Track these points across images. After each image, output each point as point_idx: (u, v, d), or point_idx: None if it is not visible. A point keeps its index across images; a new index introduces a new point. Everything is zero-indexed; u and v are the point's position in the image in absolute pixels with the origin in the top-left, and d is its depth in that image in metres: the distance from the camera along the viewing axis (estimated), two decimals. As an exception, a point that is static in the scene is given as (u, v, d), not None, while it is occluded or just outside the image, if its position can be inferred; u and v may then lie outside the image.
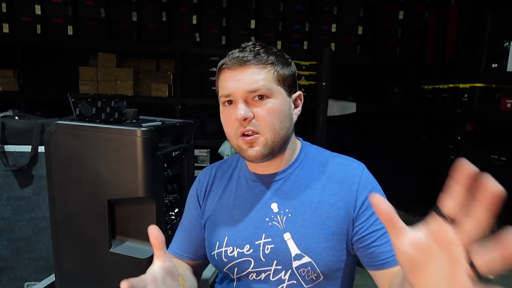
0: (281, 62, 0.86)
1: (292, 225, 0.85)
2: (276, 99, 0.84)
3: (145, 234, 0.94)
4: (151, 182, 0.87)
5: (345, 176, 0.88)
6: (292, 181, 0.90)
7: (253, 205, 0.90)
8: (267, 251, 0.85)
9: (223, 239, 0.90)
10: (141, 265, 0.89)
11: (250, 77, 0.82)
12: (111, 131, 0.86)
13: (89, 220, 0.91)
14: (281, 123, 0.85)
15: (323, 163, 0.92)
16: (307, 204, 0.86)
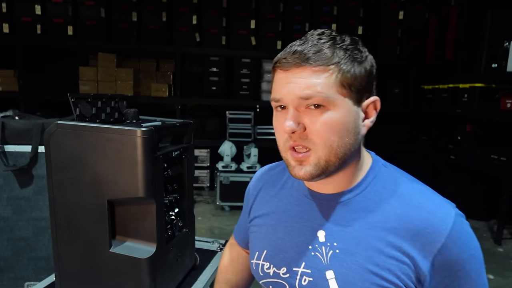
0: (350, 60, 0.66)
1: (339, 264, 0.70)
2: (337, 110, 0.65)
3: (145, 234, 0.94)
4: (151, 182, 0.87)
5: (424, 227, 0.65)
6: (350, 209, 0.72)
7: (299, 226, 0.76)
8: (304, 282, 0.73)
9: (262, 252, 0.81)
10: (141, 265, 0.89)
11: (305, 80, 0.64)
12: (111, 131, 0.85)
13: (89, 220, 0.91)
14: (340, 139, 0.66)
15: (397, 196, 0.70)
16: (363, 244, 0.68)
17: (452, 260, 0.65)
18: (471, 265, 0.67)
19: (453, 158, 4.06)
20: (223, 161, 4.30)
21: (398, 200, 0.69)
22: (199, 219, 3.77)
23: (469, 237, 0.68)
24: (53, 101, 4.32)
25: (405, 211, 0.68)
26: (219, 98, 4.60)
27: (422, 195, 0.70)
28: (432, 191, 0.72)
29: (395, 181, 0.72)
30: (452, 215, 0.67)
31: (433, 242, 0.65)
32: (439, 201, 0.69)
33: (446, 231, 0.65)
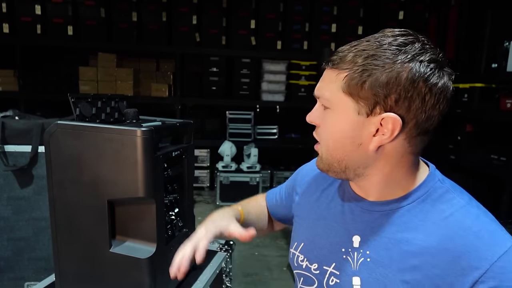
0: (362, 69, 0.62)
1: (367, 273, 0.68)
2: (337, 113, 0.65)
3: (145, 234, 0.94)
4: (151, 182, 0.87)
5: (467, 251, 0.60)
6: (391, 222, 0.69)
7: (337, 226, 0.76)
8: (331, 282, 0.74)
9: (300, 244, 0.82)
10: (141, 265, 0.89)
11: (323, 81, 0.68)
12: (111, 131, 0.85)
13: (89, 220, 0.91)
14: (336, 143, 0.67)
15: (445, 216, 0.64)
16: (396, 258, 0.65)
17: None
18: None
19: (453, 158, 4.06)
20: (223, 161, 4.31)
21: (446, 221, 0.64)
22: (199, 219, 3.77)
23: None
24: (53, 101, 4.32)
25: (449, 232, 0.63)
26: (219, 98, 4.60)
27: (476, 220, 0.63)
28: (492, 218, 0.65)
29: (448, 201, 0.67)
30: (507, 245, 0.59)
31: (476, 267, 0.58)
32: (495, 228, 0.63)
33: (494, 258, 0.58)
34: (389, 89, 0.61)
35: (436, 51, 0.64)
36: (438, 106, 0.64)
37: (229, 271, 1.35)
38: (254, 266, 2.80)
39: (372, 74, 0.61)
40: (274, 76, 4.58)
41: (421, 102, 0.61)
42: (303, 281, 0.80)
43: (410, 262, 0.64)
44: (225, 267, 1.33)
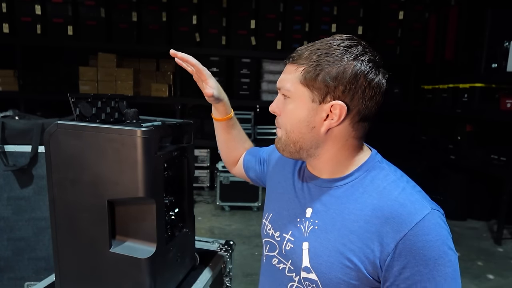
0: (315, 64, 0.75)
1: (314, 238, 0.81)
2: (296, 101, 0.78)
3: (145, 234, 0.94)
4: (151, 182, 0.86)
5: (392, 217, 0.72)
6: (337, 196, 0.81)
7: (296, 200, 0.89)
8: (287, 247, 0.86)
9: (269, 215, 0.95)
10: (141, 265, 0.89)
11: (284, 74, 0.81)
12: (111, 131, 0.85)
13: (89, 220, 0.91)
14: (293, 126, 0.79)
15: (379, 190, 0.76)
16: (338, 225, 0.78)
17: (414, 253, 0.69)
18: (437, 266, 0.68)
19: (453, 158, 4.06)
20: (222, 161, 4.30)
21: (379, 193, 0.76)
22: (199, 219, 3.77)
23: (439, 240, 0.69)
24: (53, 101, 4.33)
25: (380, 202, 0.75)
26: (219, 98, 4.59)
27: (402, 191, 0.75)
28: (417, 190, 0.77)
29: (383, 177, 0.79)
30: (424, 213, 0.71)
31: (397, 231, 0.70)
32: (417, 198, 0.74)
33: (412, 224, 0.69)
34: (337, 81, 0.74)
35: (374, 54, 0.77)
36: (375, 98, 0.76)
37: (229, 271, 1.35)
38: (254, 266, 2.80)
39: (324, 69, 0.74)
40: (274, 76, 4.58)
41: (362, 94, 0.74)
42: (269, 248, 0.93)
43: (348, 227, 0.76)
44: (225, 267, 1.33)
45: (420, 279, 0.69)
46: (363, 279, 0.74)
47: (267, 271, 0.95)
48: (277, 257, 0.90)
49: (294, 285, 0.85)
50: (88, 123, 0.88)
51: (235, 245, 1.40)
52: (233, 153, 1.20)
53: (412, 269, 0.69)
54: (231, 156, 1.21)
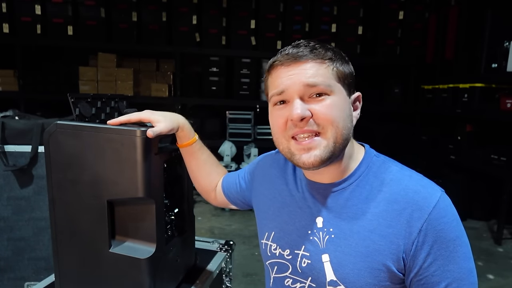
0: (339, 59, 0.75)
1: (333, 248, 0.76)
2: (337, 96, 0.73)
3: (144, 234, 0.94)
4: (150, 182, 0.86)
5: (409, 206, 0.70)
6: (345, 198, 0.77)
7: (301, 211, 0.82)
8: (303, 264, 0.79)
9: (271, 233, 0.88)
10: (141, 265, 0.89)
11: (308, 70, 0.71)
12: (111, 131, 0.85)
13: (89, 220, 0.91)
14: (343, 121, 0.73)
15: (387, 182, 0.75)
16: (356, 229, 0.74)
17: (436, 237, 0.69)
18: (456, 247, 0.69)
19: (453, 158, 4.06)
20: (223, 161, 4.30)
21: (388, 186, 0.75)
22: (199, 219, 3.77)
23: (455, 220, 0.71)
24: (53, 101, 4.32)
25: (393, 195, 0.73)
26: (219, 98, 4.60)
27: (410, 179, 0.75)
28: (421, 176, 0.77)
29: (386, 170, 0.78)
30: (437, 195, 0.71)
31: (418, 218, 0.69)
32: (426, 182, 0.74)
33: (430, 208, 0.69)
34: (354, 75, 0.78)
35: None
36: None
37: (229, 271, 1.35)
38: (254, 266, 2.80)
39: (345, 64, 0.76)
40: (274, 76, 4.58)
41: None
42: (277, 269, 0.85)
43: (367, 228, 0.73)
44: (225, 267, 1.33)
45: (443, 263, 0.69)
46: (393, 278, 0.72)
47: None
48: (291, 277, 0.82)
49: None
50: (88, 123, 0.88)
51: (235, 245, 1.40)
52: (206, 179, 1.08)
53: (435, 253, 0.69)
54: (204, 184, 1.09)
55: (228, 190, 1.07)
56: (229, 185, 1.07)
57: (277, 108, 0.76)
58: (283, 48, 0.77)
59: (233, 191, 1.06)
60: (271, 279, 0.87)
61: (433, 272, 0.69)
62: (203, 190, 1.11)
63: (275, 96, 0.75)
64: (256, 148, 4.34)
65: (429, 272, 0.69)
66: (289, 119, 0.73)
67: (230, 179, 1.08)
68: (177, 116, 0.96)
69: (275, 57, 0.76)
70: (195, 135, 1.00)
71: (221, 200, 1.10)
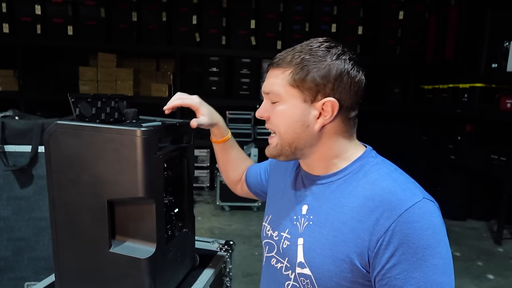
0: (301, 66, 0.78)
1: (308, 233, 0.82)
2: (286, 103, 0.80)
3: (145, 234, 0.94)
4: (151, 182, 0.86)
5: (381, 205, 0.72)
6: (331, 191, 0.83)
7: (294, 199, 0.90)
8: (284, 245, 0.88)
9: (269, 216, 0.97)
10: (141, 265, 0.89)
11: (270, 79, 0.83)
12: (111, 131, 0.85)
13: (89, 220, 0.91)
14: (287, 127, 0.81)
15: (371, 181, 0.78)
16: (331, 219, 0.79)
17: (403, 240, 0.69)
18: (425, 256, 0.68)
19: (453, 158, 4.06)
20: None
21: (371, 185, 0.77)
22: (199, 219, 3.77)
23: (430, 229, 0.69)
24: (53, 101, 4.31)
25: (371, 192, 0.76)
26: (219, 98, 4.59)
27: (393, 181, 0.76)
28: (411, 181, 0.77)
29: (376, 170, 0.80)
30: (415, 200, 0.71)
31: (387, 217, 0.71)
32: (409, 187, 0.75)
33: (402, 210, 0.70)
34: (326, 80, 0.77)
35: (352, 53, 0.80)
36: (359, 93, 0.80)
37: (229, 271, 1.35)
38: (254, 266, 2.80)
39: (311, 69, 0.77)
40: (274, 76, 4.58)
41: (349, 89, 0.78)
42: (268, 248, 0.94)
43: (341, 219, 0.77)
44: (225, 267, 1.33)
45: (407, 268, 0.68)
46: (355, 271, 0.74)
47: (266, 272, 0.96)
48: (275, 257, 0.91)
49: (290, 284, 0.86)
50: (88, 123, 0.88)
51: (235, 245, 1.40)
52: (234, 172, 1.22)
53: (400, 257, 0.69)
54: (232, 176, 1.22)
55: (250, 180, 1.17)
56: (251, 175, 1.17)
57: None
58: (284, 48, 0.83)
59: (254, 181, 1.16)
60: (264, 258, 0.97)
61: (396, 275, 0.69)
62: (231, 182, 1.24)
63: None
64: (256, 148, 4.34)
65: (392, 274, 0.69)
66: None
67: (253, 169, 1.19)
68: (217, 114, 1.12)
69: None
70: (228, 132, 1.16)
71: (245, 190, 1.22)
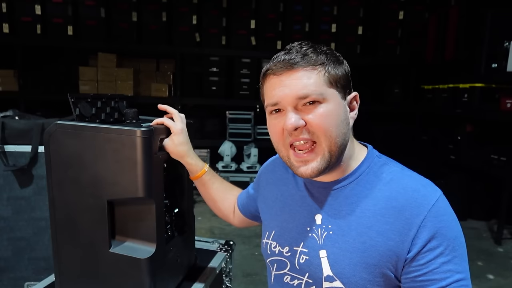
0: (332, 61, 0.75)
1: (331, 244, 0.77)
2: (330, 103, 0.74)
3: (144, 234, 0.94)
4: (150, 182, 0.86)
5: (408, 203, 0.71)
6: (344, 196, 0.79)
7: (301, 210, 0.85)
8: (302, 260, 0.81)
9: (271, 232, 0.90)
10: (141, 265, 0.89)
11: (299, 81, 0.73)
12: (111, 131, 0.85)
13: (89, 220, 0.91)
14: (337, 129, 0.74)
15: (387, 182, 0.76)
16: (353, 225, 0.75)
17: (435, 234, 0.69)
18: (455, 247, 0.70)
19: (453, 158, 4.06)
20: (223, 161, 4.30)
21: (388, 185, 0.76)
22: (199, 219, 3.77)
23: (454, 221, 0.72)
24: (53, 101, 4.32)
25: (393, 193, 0.74)
26: (219, 98, 4.60)
27: (410, 178, 0.77)
28: (422, 176, 0.78)
29: (387, 170, 0.79)
30: (437, 194, 0.73)
31: (417, 215, 0.70)
32: (426, 182, 0.76)
33: (429, 205, 0.71)
34: (349, 75, 0.79)
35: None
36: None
37: (229, 271, 1.35)
38: (254, 266, 2.80)
39: (338, 66, 0.76)
40: (274, 76, 4.58)
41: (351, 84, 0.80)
42: (277, 267, 0.87)
43: (365, 224, 0.74)
44: (225, 267, 1.33)
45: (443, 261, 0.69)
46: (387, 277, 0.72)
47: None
48: (290, 274, 0.84)
49: None
50: (88, 123, 0.88)
51: (235, 245, 1.40)
52: (224, 205, 1.14)
53: (434, 251, 0.69)
54: (223, 209, 1.15)
55: (242, 205, 1.11)
56: (242, 200, 1.11)
57: (273, 117, 0.78)
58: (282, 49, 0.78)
59: (245, 204, 1.10)
60: (272, 276, 0.89)
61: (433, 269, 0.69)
62: (224, 215, 1.16)
63: (269, 107, 0.78)
64: (256, 148, 4.34)
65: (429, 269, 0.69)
66: (284, 129, 0.75)
67: (242, 195, 1.13)
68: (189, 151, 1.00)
69: (268, 64, 0.78)
70: (205, 166, 1.06)
71: (241, 219, 1.14)
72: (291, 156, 0.77)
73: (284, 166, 0.95)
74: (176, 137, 0.95)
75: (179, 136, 0.95)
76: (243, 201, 1.11)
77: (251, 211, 1.09)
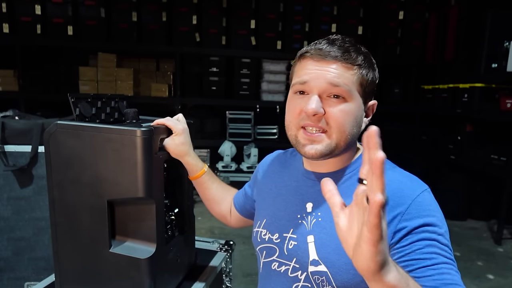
0: (367, 66, 0.78)
1: (319, 230, 0.81)
2: (353, 103, 0.77)
3: (145, 234, 0.94)
4: (151, 182, 0.86)
5: (393, 193, 0.73)
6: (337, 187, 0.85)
7: (293, 198, 0.88)
8: (290, 246, 0.85)
9: (262, 220, 0.93)
10: (141, 265, 0.89)
11: (334, 70, 0.75)
12: (111, 131, 0.85)
13: (89, 220, 0.91)
14: (351, 128, 0.78)
15: None
16: None
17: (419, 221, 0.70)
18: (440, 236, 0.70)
19: (453, 158, 4.06)
20: (223, 161, 4.30)
21: None
22: (199, 219, 3.77)
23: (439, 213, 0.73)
24: (53, 101, 4.32)
25: None
26: (219, 98, 4.60)
27: (400, 174, 0.80)
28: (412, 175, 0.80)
29: None
30: (423, 187, 0.75)
31: (401, 204, 0.72)
32: (414, 178, 0.79)
33: (414, 195, 0.73)
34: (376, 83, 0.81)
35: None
36: None
37: (229, 271, 1.35)
38: (254, 266, 2.80)
39: (370, 72, 0.79)
40: (274, 76, 4.58)
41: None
42: (266, 254, 0.90)
43: None
44: (225, 267, 1.33)
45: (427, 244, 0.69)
46: None
47: (266, 279, 0.92)
48: (277, 260, 0.87)
49: (299, 285, 0.83)
50: (88, 123, 0.88)
51: (235, 245, 1.40)
52: (221, 206, 1.15)
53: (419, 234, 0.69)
54: (221, 210, 1.16)
55: (239, 204, 1.12)
56: (238, 199, 1.13)
57: (296, 97, 0.80)
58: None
59: (242, 203, 1.11)
60: (261, 264, 0.93)
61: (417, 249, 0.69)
62: (222, 216, 1.18)
63: (297, 85, 0.79)
64: (256, 148, 4.34)
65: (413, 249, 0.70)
66: (304, 111, 0.77)
67: (238, 194, 1.14)
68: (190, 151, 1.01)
69: (308, 47, 0.79)
70: (204, 167, 1.07)
71: (237, 219, 1.16)
72: (299, 135, 0.79)
73: (280, 162, 1.00)
74: (178, 137, 0.97)
75: (180, 136, 0.97)
76: (240, 199, 1.12)
77: (247, 208, 1.10)
